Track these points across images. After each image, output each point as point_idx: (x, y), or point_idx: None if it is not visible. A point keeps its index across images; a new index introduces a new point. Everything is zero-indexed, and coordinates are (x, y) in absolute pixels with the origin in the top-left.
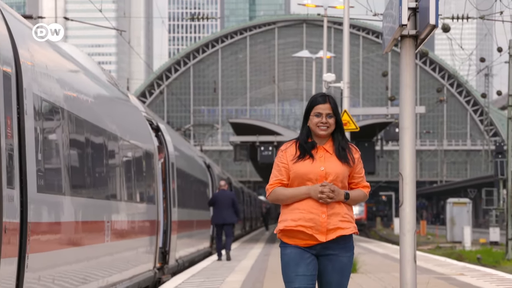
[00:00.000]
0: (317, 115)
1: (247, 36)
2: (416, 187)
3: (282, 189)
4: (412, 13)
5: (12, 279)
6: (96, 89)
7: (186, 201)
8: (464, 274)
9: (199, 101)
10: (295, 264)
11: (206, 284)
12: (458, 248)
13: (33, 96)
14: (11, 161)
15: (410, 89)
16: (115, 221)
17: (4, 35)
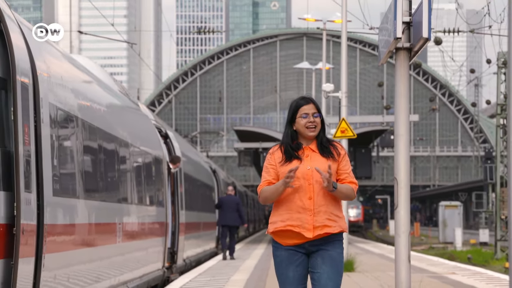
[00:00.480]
0: (304, 116)
1: (251, 48)
2: (410, 191)
3: (267, 187)
4: (406, 27)
5: (30, 278)
6: (108, 98)
7: (193, 204)
8: (456, 273)
9: (205, 109)
10: (285, 266)
11: (212, 283)
12: (450, 249)
13: (49, 105)
14: (28, 166)
15: (404, 99)
16: (126, 223)
17: (22, 48)
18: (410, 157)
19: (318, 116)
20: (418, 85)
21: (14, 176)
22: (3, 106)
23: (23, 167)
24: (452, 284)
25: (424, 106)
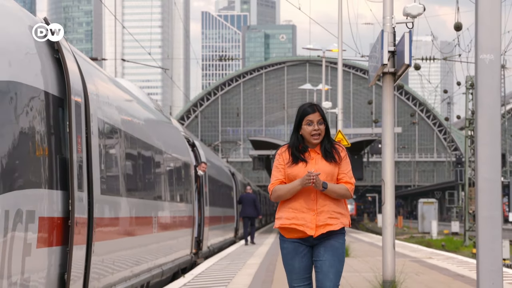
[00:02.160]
0: (309, 123)
1: (263, 73)
2: (394, 190)
3: (281, 186)
4: (391, 55)
5: (82, 261)
6: (145, 114)
7: (215, 201)
8: (432, 257)
9: (225, 123)
10: (291, 257)
11: (231, 266)
12: (427, 238)
13: (97, 120)
14: (80, 170)
15: (390, 114)
16: (160, 217)
17: (76, 73)
18: (394, 162)
19: (323, 123)
20: (401, 103)
21: (69, 178)
22: (60, 120)
23: (76, 170)
24: (429, 267)
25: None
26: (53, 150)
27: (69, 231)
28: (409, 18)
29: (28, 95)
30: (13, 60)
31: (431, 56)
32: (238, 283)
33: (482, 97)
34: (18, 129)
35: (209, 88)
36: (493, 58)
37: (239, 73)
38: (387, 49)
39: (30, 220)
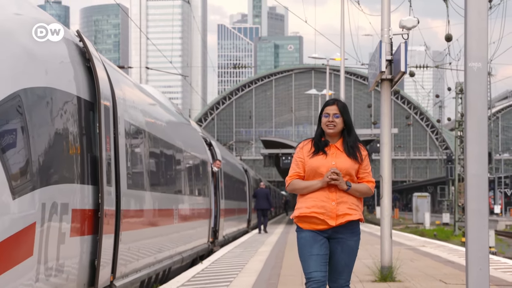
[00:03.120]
0: (325, 115)
1: (273, 79)
2: (391, 185)
3: (299, 181)
4: (388, 63)
5: (110, 249)
6: (167, 116)
7: (230, 195)
8: (425, 246)
9: (239, 124)
10: (310, 245)
11: (244, 253)
12: (421, 228)
13: (124, 122)
14: (109, 167)
15: (387, 116)
16: (180, 209)
17: (105, 80)
18: (391, 160)
19: (339, 116)
20: (397, 107)
21: (99, 174)
22: (91, 122)
23: (105, 167)
24: (423, 254)
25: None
26: (84, 149)
27: (99, 222)
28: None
29: (62, 100)
30: (49, 68)
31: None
32: (250, 268)
33: (471, 101)
34: (54, 130)
35: (224, 93)
36: (481, 66)
37: (251, 79)
38: (385, 58)
39: (64, 212)
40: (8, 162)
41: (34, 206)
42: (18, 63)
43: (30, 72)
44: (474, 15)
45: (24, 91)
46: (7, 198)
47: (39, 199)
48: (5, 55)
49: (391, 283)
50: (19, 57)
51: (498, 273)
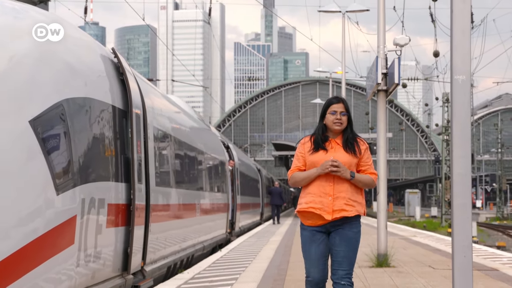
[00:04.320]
0: (332, 113)
1: (282, 90)
2: (386, 183)
3: (299, 173)
4: (384, 76)
5: (141, 238)
6: (190, 123)
7: (245, 191)
8: (416, 236)
9: (253, 130)
10: (309, 244)
11: (258, 242)
12: (412, 220)
13: (153, 128)
14: (140, 167)
15: (383, 123)
16: (202, 204)
17: (136, 91)
18: (386, 161)
19: (346, 114)
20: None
21: (131, 173)
22: (124, 128)
23: (136, 167)
24: (414, 243)
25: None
26: (118, 151)
27: (131, 215)
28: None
29: (99, 108)
30: (88, 81)
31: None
32: (263, 255)
33: (456, 109)
34: (92, 135)
35: (240, 102)
36: (465, 79)
37: (264, 90)
38: (381, 71)
39: (101, 206)
40: (52, 163)
41: (75, 201)
42: (61, 77)
43: (71, 85)
44: (458, 34)
45: (66, 101)
46: (52, 194)
47: (79, 195)
48: (51, 70)
49: (386, 268)
50: (63, 72)
51: (479, 260)
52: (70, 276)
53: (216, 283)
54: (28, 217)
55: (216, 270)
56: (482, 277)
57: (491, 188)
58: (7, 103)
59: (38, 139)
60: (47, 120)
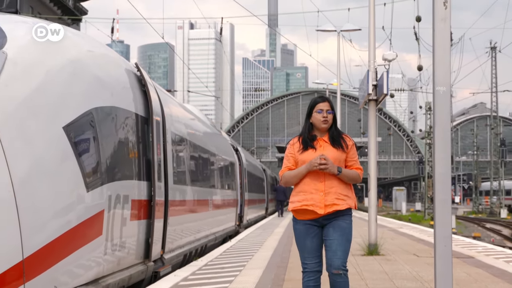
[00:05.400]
0: (319, 111)
1: (285, 100)
2: (376, 181)
3: (289, 172)
4: (374, 87)
5: (160, 230)
6: (203, 128)
7: (252, 188)
8: (402, 227)
9: (259, 134)
10: (303, 238)
11: (263, 233)
12: (399, 214)
13: (171, 133)
14: (159, 167)
15: (373, 128)
16: (214, 199)
17: (156, 100)
18: (376, 162)
19: (331, 113)
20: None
21: (152, 172)
22: (146, 133)
23: (156, 167)
24: (400, 234)
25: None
26: (141, 153)
27: (151, 209)
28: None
29: (124, 116)
30: (114, 92)
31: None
32: (268, 245)
33: (437, 116)
34: (117, 139)
35: (247, 110)
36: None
37: (268, 100)
38: (371, 83)
39: (126, 202)
40: (83, 164)
41: (102, 197)
42: (91, 88)
43: (100, 95)
44: (439, 51)
45: (95, 109)
46: (83, 191)
47: (107, 192)
48: (82, 82)
49: (376, 256)
50: (92, 84)
51: (458, 248)
52: (98, 263)
53: (226, 269)
54: (62, 211)
55: (226, 258)
56: (460, 264)
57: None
58: (44, 111)
59: (70, 143)
60: (79, 126)
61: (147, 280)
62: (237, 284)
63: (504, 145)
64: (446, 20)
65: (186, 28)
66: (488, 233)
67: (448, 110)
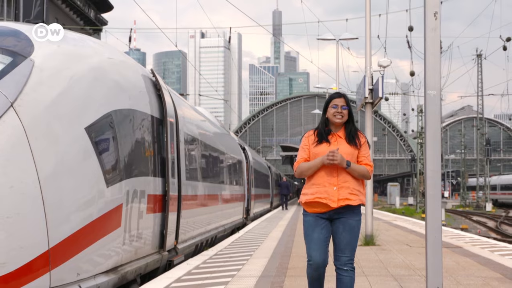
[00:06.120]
0: (334, 106)
1: (288, 103)
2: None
3: (304, 163)
4: (370, 91)
5: (174, 222)
6: (213, 129)
7: (258, 184)
8: (396, 220)
9: (264, 134)
10: (312, 229)
11: (268, 225)
12: (393, 207)
13: (183, 133)
14: (173, 165)
15: (369, 128)
16: (223, 194)
17: (170, 103)
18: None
19: (346, 108)
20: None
21: (166, 169)
22: (160, 133)
23: (170, 165)
24: (394, 226)
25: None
26: (156, 152)
27: (166, 203)
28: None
29: (141, 117)
30: (131, 95)
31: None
32: (273, 236)
33: (428, 118)
34: (134, 139)
35: (254, 112)
36: (436, 93)
37: (273, 103)
38: (368, 87)
39: (142, 196)
40: (103, 161)
41: (121, 192)
42: (110, 92)
43: (118, 98)
44: (430, 57)
45: (114, 111)
46: (103, 187)
47: (125, 187)
48: (102, 87)
49: (373, 246)
50: (112, 88)
51: (447, 239)
52: (117, 252)
53: (235, 258)
54: (84, 205)
55: (235, 248)
56: (449, 253)
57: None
58: (68, 113)
59: (92, 142)
60: (99, 127)
61: (162, 268)
62: (244, 272)
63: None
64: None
65: (198, 37)
66: (474, 225)
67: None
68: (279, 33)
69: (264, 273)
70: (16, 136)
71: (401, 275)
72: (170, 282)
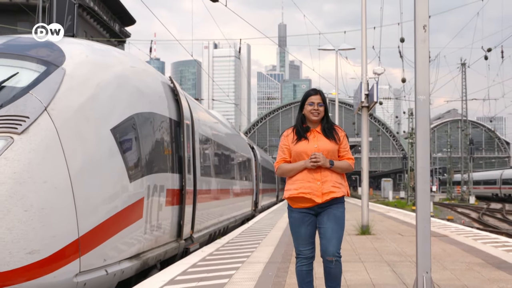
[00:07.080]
0: (310, 104)
1: (292, 106)
2: (368, 173)
3: (286, 165)
4: (366, 96)
5: (190, 214)
6: (225, 130)
7: (265, 180)
8: (389, 212)
9: (271, 135)
10: (298, 226)
11: (275, 217)
12: (386, 201)
13: (198, 134)
14: (189, 162)
15: (365, 130)
16: (234, 189)
17: (186, 107)
18: (368, 157)
19: (322, 105)
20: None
21: (183, 167)
22: (178, 134)
23: (187, 162)
24: (388, 217)
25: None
26: (174, 151)
27: (183, 197)
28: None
29: (160, 120)
30: (151, 100)
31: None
32: (278, 226)
33: (419, 120)
34: (154, 139)
35: (261, 115)
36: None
37: (279, 106)
38: (364, 93)
39: (162, 191)
40: (127, 159)
41: (143, 187)
42: (133, 97)
43: (140, 103)
44: (420, 66)
45: (136, 114)
46: (126, 182)
47: (146, 183)
48: (125, 92)
49: (368, 235)
50: (134, 94)
51: (435, 229)
52: (139, 240)
53: (245, 246)
54: (109, 198)
55: (245, 237)
56: (437, 241)
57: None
58: (95, 116)
59: (116, 142)
60: (123, 129)
61: (180, 255)
62: (253, 259)
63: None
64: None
65: (211, 47)
66: (459, 216)
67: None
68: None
69: (271, 260)
70: (49, 137)
71: (394, 261)
72: (187, 267)
